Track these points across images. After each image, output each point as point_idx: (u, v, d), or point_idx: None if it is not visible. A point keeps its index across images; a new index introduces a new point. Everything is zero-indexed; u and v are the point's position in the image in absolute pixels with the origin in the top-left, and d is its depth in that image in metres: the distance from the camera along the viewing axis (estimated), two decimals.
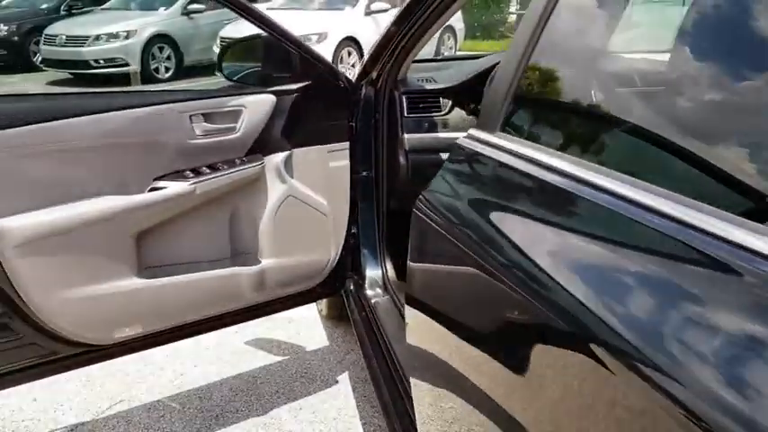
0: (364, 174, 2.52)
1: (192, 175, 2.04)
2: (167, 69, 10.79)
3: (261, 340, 2.95)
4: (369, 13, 10.34)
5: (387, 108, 2.34)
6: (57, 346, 1.99)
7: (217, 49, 9.71)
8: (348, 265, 2.52)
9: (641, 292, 0.79)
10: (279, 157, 2.21)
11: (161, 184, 2.01)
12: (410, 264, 1.43)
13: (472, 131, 1.35)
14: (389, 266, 2.50)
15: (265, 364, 2.79)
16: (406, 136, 2.34)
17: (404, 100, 2.37)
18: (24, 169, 1.80)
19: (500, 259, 1.03)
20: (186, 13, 11.11)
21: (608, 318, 0.77)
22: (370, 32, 10.15)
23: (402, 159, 2.37)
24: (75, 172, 1.88)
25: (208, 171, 2.07)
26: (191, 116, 2.03)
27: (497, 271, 1.01)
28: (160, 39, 10.69)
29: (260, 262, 2.23)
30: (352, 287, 2.60)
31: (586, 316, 0.80)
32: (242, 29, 9.61)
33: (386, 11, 10.36)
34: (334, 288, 2.53)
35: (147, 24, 10.67)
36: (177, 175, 2.04)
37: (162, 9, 11.13)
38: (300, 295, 2.42)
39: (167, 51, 10.77)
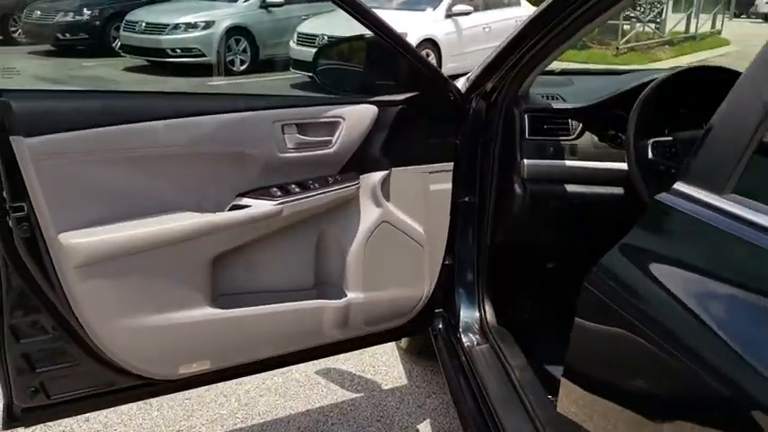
0: (466, 199, 2.21)
1: (279, 193, 1.77)
2: (242, 62, 10.69)
3: (332, 371, 2.67)
4: (450, 15, 10.00)
5: (502, 127, 2.02)
6: (115, 377, 1.75)
7: (293, 45, 9.55)
8: (439, 301, 2.21)
9: None
10: (376, 177, 1.92)
11: (244, 201, 1.75)
12: (577, 336, 1.25)
13: (681, 187, 1.02)
14: (488, 309, 2.18)
15: (337, 400, 2.51)
16: (525, 161, 2.02)
17: (526, 119, 2.04)
18: (91, 177, 1.56)
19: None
20: (265, 5, 10.99)
21: None
22: (450, 35, 9.84)
23: (518, 188, 2.04)
24: (148, 183, 1.63)
25: (297, 189, 1.80)
26: (283, 126, 1.76)
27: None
28: (237, 31, 10.59)
29: (346, 295, 1.94)
30: (441, 326, 2.30)
31: None
32: (321, 25, 9.44)
33: (467, 14, 10.01)
34: (423, 326, 2.23)
35: (225, 15, 10.58)
36: (263, 191, 1.77)
37: (241, 1, 11.06)
38: (386, 333, 2.13)
39: (243, 44, 10.68)
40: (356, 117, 1.85)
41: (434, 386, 2.59)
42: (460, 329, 2.18)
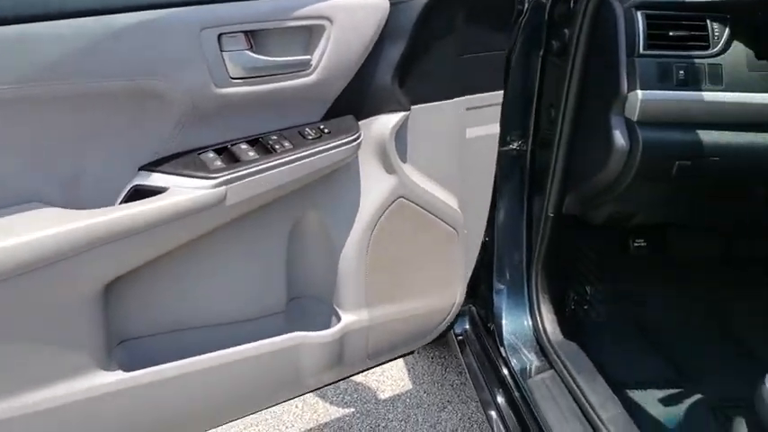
0: (515, 146, 1.45)
1: (218, 162, 0.98)
2: None
3: None
4: None
5: (590, 32, 1.22)
6: None
7: None
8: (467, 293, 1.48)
9: None
10: (387, 124, 1.13)
11: (154, 180, 0.96)
12: None
13: None
14: (547, 312, 1.46)
15: (328, 419, 1.81)
16: (640, 93, 1.23)
17: (639, 20, 1.24)
18: None
19: None
20: None
21: None
22: None
23: (620, 136, 1.26)
24: None
25: (251, 153, 1.01)
26: (221, 36, 0.94)
27: None
28: None
29: (340, 319, 1.20)
30: (468, 326, 1.59)
31: None
32: None
33: None
34: (446, 332, 1.51)
35: None
36: (189, 161, 0.98)
37: None
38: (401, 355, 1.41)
39: None
40: (352, 17, 1.04)
41: (448, 391, 1.91)
42: (504, 342, 1.46)
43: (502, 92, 1.28)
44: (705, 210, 1.41)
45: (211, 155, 0.99)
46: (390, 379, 1.94)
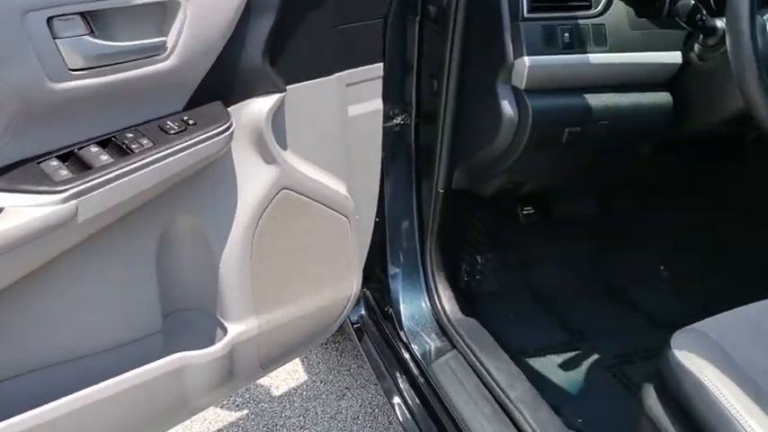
0: (398, 121, 1.36)
1: (64, 170, 0.82)
2: None
3: None
4: None
5: None
6: None
7: None
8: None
9: None
10: (260, 108, 1.00)
11: None
12: None
13: None
14: (445, 291, 1.41)
15: (220, 425, 1.67)
16: (527, 60, 1.16)
17: None
18: None
19: None
20: None
21: None
22: None
23: (509, 106, 1.19)
24: None
25: (104, 157, 0.85)
26: (51, 20, 0.77)
27: None
28: None
29: (225, 331, 1.07)
30: (364, 313, 1.51)
31: None
32: None
33: None
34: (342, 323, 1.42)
35: None
36: (25, 173, 0.81)
37: None
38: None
39: None
40: None
41: (346, 377, 1.83)
42: (404, 326, 1.39)
43: (381, 64, 1.18)
44: (591, 172, 1.40)
45: (55, 163, 0.82)
46: (284, 372, 1.84)
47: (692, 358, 0.92)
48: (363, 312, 1.50)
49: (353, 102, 1.17)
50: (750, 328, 1.02)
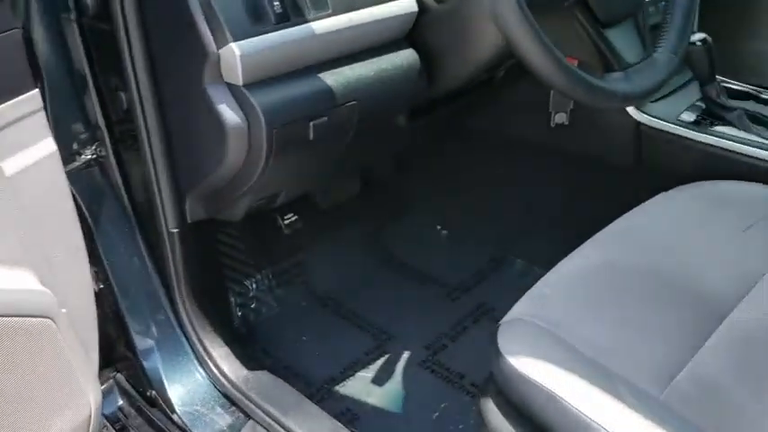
0: (88, 156, 1.01)
1: None
2: None
3: None
4: None
5: None
6: None
7: None
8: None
9: None
10: None
11: None
12: None
13: None
14: (218, 349, 1.11)
15: None
16: (234, 47, 0.84)
17: None
18: None
19: None
20: None
21: None
22: None
23: (230, 112, 0.84)
24: None
25: None
26: None
27: None
28: None
29: None
30: (121, 402, 1.17)
31: None
32: None
33: None
34: None
35: None
36: None
37: None
38: None
39: None
40: None
41: None
42: (176, 410, 1.08)
43: (37, 90, 0.82)
44: (350, 158, 1.18)
45: None
46: None
47: (522, 358, 0.78)
48: (121, 402, 1.15)
49: (8, 154, 0.80)
50: (569, 297, 0.90)
